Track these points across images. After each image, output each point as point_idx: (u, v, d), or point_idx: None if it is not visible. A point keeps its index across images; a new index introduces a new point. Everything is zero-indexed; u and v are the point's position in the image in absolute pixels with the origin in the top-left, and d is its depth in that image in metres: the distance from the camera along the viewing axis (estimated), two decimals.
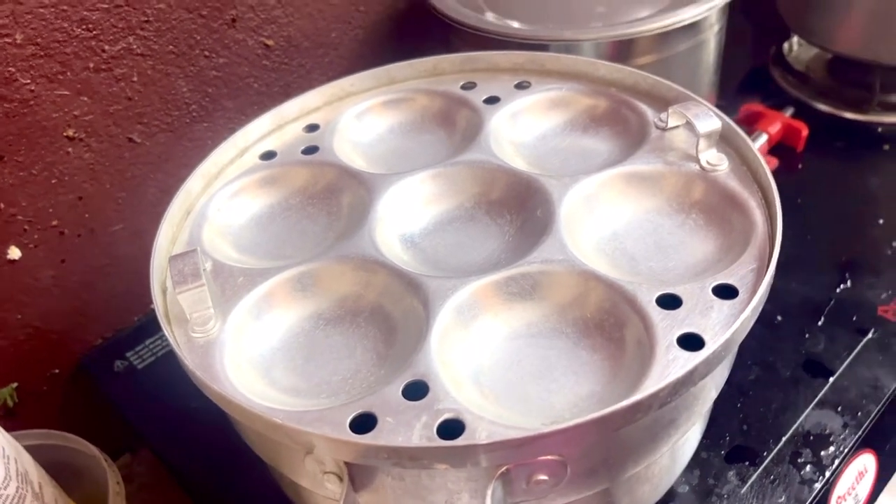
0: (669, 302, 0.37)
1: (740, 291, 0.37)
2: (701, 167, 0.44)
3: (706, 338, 0.35)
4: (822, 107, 0.75)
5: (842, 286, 0.58)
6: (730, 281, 0.38)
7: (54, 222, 0.57)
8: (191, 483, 0.53)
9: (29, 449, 0.47)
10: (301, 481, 0.37)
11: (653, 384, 0.32)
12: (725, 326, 0.35)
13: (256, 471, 0.44)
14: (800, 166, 0.70)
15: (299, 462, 0.34)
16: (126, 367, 0.61)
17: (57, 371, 0.61)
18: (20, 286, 0.56)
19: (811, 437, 0.50)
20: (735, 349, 0.38)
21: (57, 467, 0.50)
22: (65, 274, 0.59)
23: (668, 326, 0.35)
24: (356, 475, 0.33)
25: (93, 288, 0.61)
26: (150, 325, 0.64)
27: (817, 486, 0.47)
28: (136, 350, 0.62)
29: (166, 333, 0.38)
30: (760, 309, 0.36)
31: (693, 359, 0.33)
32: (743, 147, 0.45)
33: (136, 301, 0.64)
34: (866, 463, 0.52)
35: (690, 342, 0.35)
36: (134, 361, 0.61)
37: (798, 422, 0.50)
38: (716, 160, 0.44)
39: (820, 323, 0.57)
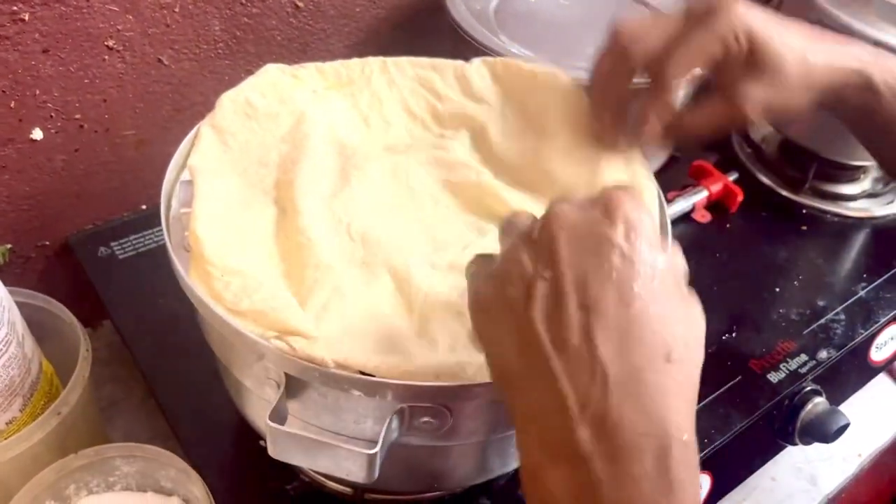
0: None
1: None
2: None
3: None
4: (764, 179, 0.85)
5: (727, 335, 0.68)
6: None
7: (77, 116, 0.64)
8: (144, 362, 0.62)
9: (17, 304, 0.55)
10: (245, 381, 0.46)
11: None
12: None
13: (204, 359, 0.50)
14: (728, 225, 0.80)
15: (249, 365, 0.43)
16: (108, 255, 0.69)
17: (47, 243, 0.69)
18: (34, 163, 0.64)
19: None
20: None
21: (34, 326, 0.57)
22: (74, 161, 0.66)
23: None
24: (291, 385, 0.42)
25: (94, 178, 0.69)
26: (135, 223, 0.72)
27: None
28: (120, 242, 0.70)
29: (164, 231, 0.45)
30: None
31: None
32: None
33: (127, 199, 0.72)
34: (702, 482, 0.62)
35: None
36: (116, 251, 0.69)
37: None
38: None
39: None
